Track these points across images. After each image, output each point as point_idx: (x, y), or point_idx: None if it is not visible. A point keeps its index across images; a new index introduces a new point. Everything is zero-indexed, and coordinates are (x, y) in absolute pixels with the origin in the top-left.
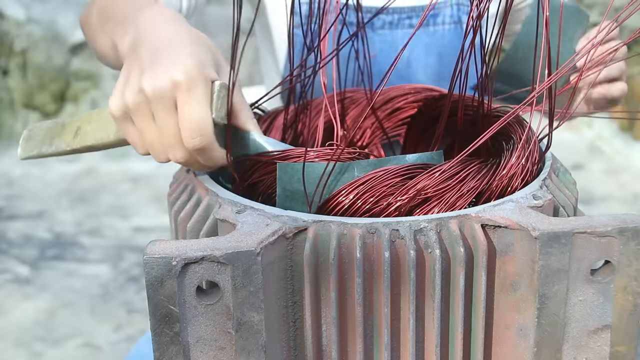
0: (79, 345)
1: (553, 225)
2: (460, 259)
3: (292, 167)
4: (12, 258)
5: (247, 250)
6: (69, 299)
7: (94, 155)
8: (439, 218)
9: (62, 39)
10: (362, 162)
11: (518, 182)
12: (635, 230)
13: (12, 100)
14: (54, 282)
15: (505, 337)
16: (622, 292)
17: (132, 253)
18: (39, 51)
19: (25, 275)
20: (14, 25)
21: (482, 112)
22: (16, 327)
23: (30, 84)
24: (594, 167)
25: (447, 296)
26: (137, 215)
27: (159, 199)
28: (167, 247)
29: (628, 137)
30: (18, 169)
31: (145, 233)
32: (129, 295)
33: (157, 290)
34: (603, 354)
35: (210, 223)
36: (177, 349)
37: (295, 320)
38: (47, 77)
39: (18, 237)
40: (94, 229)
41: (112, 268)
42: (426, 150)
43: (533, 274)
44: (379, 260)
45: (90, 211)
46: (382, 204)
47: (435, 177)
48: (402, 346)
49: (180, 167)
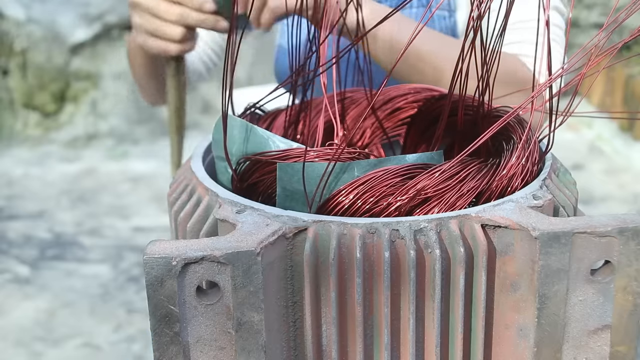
0: (79, 345)
1: (553, 225)
2: (460, 259)
3: (292, 167)
4: (12, 258)
5: (247, 250)
6: (69, 299)
7: (94, 155)
8: (439, 218)
9: (62, 39)
10: (362, 162)
11: (518, 182)
12: (636, 230)
13: (12, 100)
14: (54, 282)
15: (505, 337)
16: (622, 292)
17: (132, 253)
18: (39, 51)
19: (25, 275)
20: (14, 25)
21: (482, 112)
22: (16, 327)
23: (30, 84)
24: (594, 167)
25: (447, 296)
26: (137, 215)
27: (159, 199)
28: (167, 247)
29: (628, 137)
30: (18, 169)
31: (145, 233)
32: (129, 295)
33: (157, 290)
34: (603, 354)
35: (210, 223)
36: (177, 349)
37: (295, 320)
38: (47, 77)
39: (18, 237)
40: (94, 229)
41: (112, 268)
42: (426, 150)
43: (533, 274)
44: (379, 260)
45: (90, 211)
46: (382, 204)
47: (435, 177)
48: (402, 346)
49: (180, 167)
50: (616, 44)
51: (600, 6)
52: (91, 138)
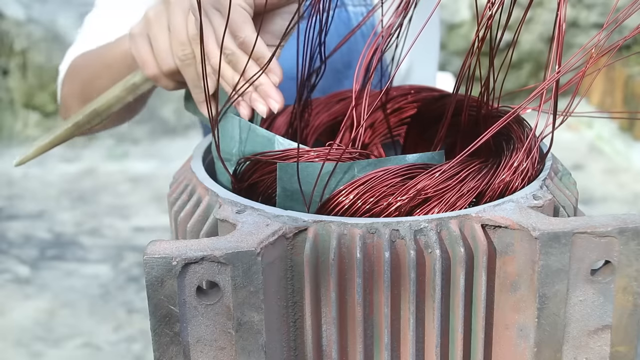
0: (79, 345)
1: (553, 225)
2: (460, 259)
3: (292, 167)
4: (12, 258)
5: (247, 250)
6: (69, 299)
7: (94, 156)
8: (439, 218)
9: (62, 39)
10: (362, 162)
11: (518, 182)
12: (636, 230)
13: (12, 100)
14: (54, 282)
15: (505, 337)
16: (622, 292)
17: (132, 253)
18: (39, 51)
19: (25, 275)
20: (14, 25)
21: (483, 112)
22: (16, 327)
23: (30, 84)
24: (594, 167)
25: (447, 296)
26: (137, 215)
27: (159, 199)
28: (167, 247)
29: (628, 137)
30: (18, 169)
31: (145, 233)
32: (129, 295)
33: (157, 290)
34: (603, 354)
35: (210, 223)
36: (177, 349)
37: (295, 320)
38: (47, 77)
39: (18, 237)
40: (94, 229)
41: (112, 268)
42: (426, 150)
43: (533, 274)
44: (379, 260)
45: (90, 211)
46: (382, 204)
47: (436, 177)
48: (402, 346)
49: (180, 168)
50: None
51: (600, 6)
52: (91, 138)
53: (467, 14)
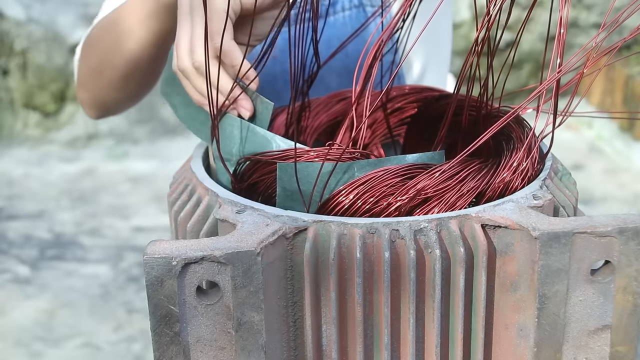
0: (79, 345)
1: (553, 225)
2: (460, 259)
3: (292, 167)
4: (12, 258)
5: (247, 250)
6: (69, 299)
7: (94, 155)
8: (439, 218)
9: (62, 39)
10: (362, 162)
11: (518, 182)
12: (636, 230)
13: (12, 100)
14: (54, 282)
15: (505, 337)
16: (622, 292)
17: (132, 253)
18: (39, 51)
19: (25, 275)
20: (14, 25)
21: (483, 112)
22: (16, 327)
23: (30, 84)
24: (594, 167)
25: (447, 296)
26: (137, 215)
27: (159, 199)
28: (167, 247)
29: (628, 137)
30: (18, 169)
31: (145, 233)
32: (129, 295)
33: (157, 290)
34: (603, 354)
35: (210, 223)
36: (177, 349)
37: (295, 320)
38: (47, 77)
39: (18, 237)
40: (94, 229)
41: (112, 268)
42: (426, 150)
43: (533, 274)
44: (379, 260)
45: (90, 211)
46: (382, 204)
47: (435, 177)
48: (402, 346)
49: (180, 168)
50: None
51: (600, 6)
52: (91, 138)
53: (467, 14)
